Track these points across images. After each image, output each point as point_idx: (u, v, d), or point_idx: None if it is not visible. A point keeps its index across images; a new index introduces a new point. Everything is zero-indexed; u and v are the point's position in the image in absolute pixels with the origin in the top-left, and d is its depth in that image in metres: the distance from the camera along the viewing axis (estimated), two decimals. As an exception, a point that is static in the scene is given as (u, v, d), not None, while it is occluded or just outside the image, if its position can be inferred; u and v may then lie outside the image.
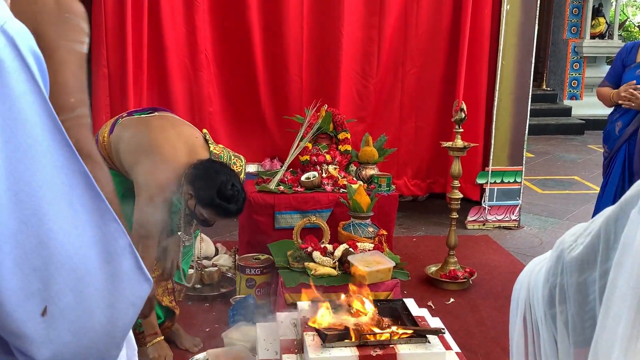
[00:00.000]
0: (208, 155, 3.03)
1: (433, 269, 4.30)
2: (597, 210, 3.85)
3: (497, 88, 5.20)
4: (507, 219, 5.46)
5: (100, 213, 0.94)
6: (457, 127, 4.03)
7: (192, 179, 2.90)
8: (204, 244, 4.38)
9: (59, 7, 1.50)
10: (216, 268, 4.05)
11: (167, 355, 3.08)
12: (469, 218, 5.41)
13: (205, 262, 4.17)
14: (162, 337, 3.08)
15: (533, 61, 5.28)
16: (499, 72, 5.18)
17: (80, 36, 1.53)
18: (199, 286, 3.90)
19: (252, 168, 5.26)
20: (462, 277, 4.15)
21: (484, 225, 5.43)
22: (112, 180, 1.66)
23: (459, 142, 4.04)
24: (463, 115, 3.99)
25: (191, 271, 3.91)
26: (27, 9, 1.45)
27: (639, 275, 0.83)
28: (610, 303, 0.88)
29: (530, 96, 5.31)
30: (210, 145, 3.11)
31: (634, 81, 3.60)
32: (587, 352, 0.93)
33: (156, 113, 3.14)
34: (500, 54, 5.15)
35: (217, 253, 4.40)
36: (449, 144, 4.08)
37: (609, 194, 3.72)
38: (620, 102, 3.65)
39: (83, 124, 1.52)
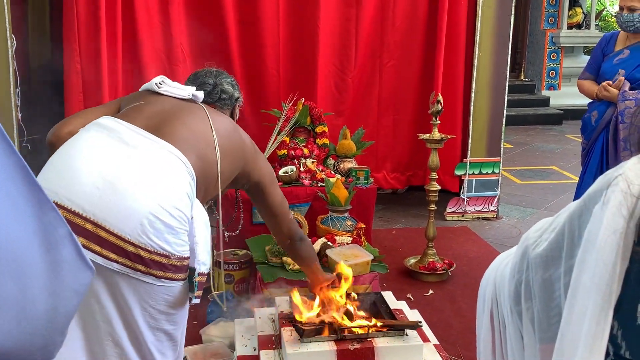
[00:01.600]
0: None
1: (412, 261, 4.30)
2: (576, 199, 3.88)
3: (474, 79, 5.20)
4: (485, 210, 5.48)
5: (38, 203, 0.94)
6: (434, 119, 4.03)
7: None
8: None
9: (252, 145, 2.32)
10: (194, 264, 4.02)
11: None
12: (448, 209, 5.43)
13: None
14: None
15: (510, 52, 5.29)
16: (475, 63, 5.18)
17: (265, 158, 2.43)
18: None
19: (230, 163, 5.21)
20: (441, 268, 4.16)
21: (462, 216, 5.45)
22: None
23: (436, 134, 4.04)
24: (440, 107, 3.99)
25: None
26: (239, 155, 2.21)
27: (602, 271, 0.83)
28: (574, 300, 0.87)
29: (507, 87, 5.33)
30: None
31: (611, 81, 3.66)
32: (552, 348, 0.92)
33: None
34: (477, 45, 5.16)
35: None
36: (426, 136, 4.08)
37: (587, 184, 3.73)
38: (600, 95, 3.71)
39: (291, 216, 2.53)
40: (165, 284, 1.86)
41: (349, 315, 2.51)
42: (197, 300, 1.95)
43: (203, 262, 1.94)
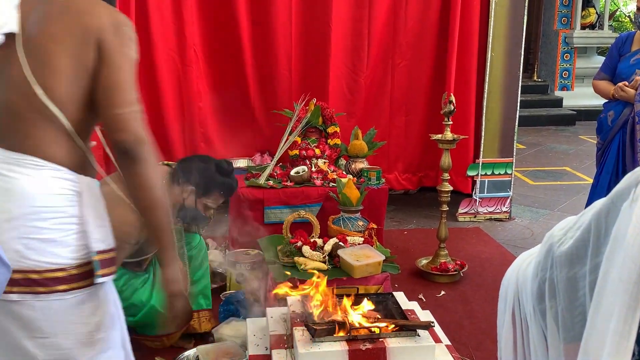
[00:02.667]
0: None
1: (424, 261, 4.30)
2: (591, 200, 3.88)
3: (487, 80, 5.18)
4: (498, 210, 5.46)
5: None
6: (446, 119, 4.02)
7: (184, 175, 2.90)
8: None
9: (117, 22, 1.78)
10: (206, 264, 4.03)
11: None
12: (460, 210, 5.41)
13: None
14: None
15: (522, 52, 5.27)
16: (488, 64, 5.16)
17: (132, 45, 1.80)
18: (189, 282, 3.88)
19: (242, 163, 5.24)
20: (453, 269, 4.15)
21: (475, 217, 5.43)
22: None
23: (449, 135, 4.03)
24: (452, 107, 3.98)
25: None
26: (92, 23, 1.74)
27: (631, 270, 0.82)
28: (601, 298, 0.86)
29: (519, 87, 5.31)
30: None
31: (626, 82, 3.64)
32: (576, 347, 0.91)
33: None
34: (490, 46, 5.14)
35: (207, 249, 4.38)
36: (438, 136, 4.07)
37: (603, 184, 3.74)
38: (617, 96, 3.69)
39: (140, 117, 1.76)
40: (77, 295, 1.73)
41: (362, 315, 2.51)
42: (103, 279, 1.76)
43: (100, 240, 1.76)
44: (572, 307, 0.98)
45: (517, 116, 5.33)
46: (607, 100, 3.84)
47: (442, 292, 3.98)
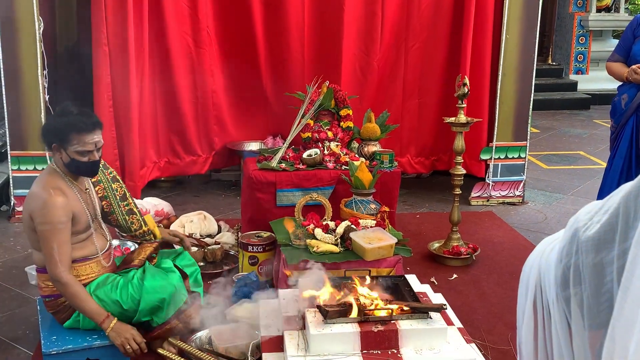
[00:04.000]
0: None
1: (436, 245, 4.29)
2: (604, 184, 3.85)
3: (501, 63, 5.14)
4: (511, 194, 5.44)
5: None
6: (460, 102, 4.00)
7: (45, 142, 2.87)
8: (207, 222, 4.38)
9: None
10: (219, 246, 4.05)
11: (130, 334, 2.82)
12: (473, 194, 5.39)
13: (208, 239, 4.17)
14: (115, 319, 2.82)
15: (537, 35, 5.21)
16: (502, 47, 5.12)
17: None
18: (202, 264, 3.90)
19: (254, 146, 5.24)
20: (465, 253, 4.14)
21: (488, 201, 5.41)
22: None
23: (462, 118, 4.00)
24: (466, 90, 3.95)
25: (194, 249, 3.91)
26: None
27: None
28: (629, 284, 0.84)
29: (534, 70, 5.26)
30: None
31: None
32: (602, 334, 0.90)
33: None
34: (505, 28, 5.09)
35: (219, 231, 4.40)
36: (451, 119, 4.04)
37: (616, 168, 3.71)
38: (631, 79, 3.65)
39: None
40: None
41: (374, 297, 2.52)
42: None
43: None
44: (599, 294, 0.96)
45: (532, 100, 5.29)
46: (621, 83, 3.80)
47: (454, 276, 3.97)
